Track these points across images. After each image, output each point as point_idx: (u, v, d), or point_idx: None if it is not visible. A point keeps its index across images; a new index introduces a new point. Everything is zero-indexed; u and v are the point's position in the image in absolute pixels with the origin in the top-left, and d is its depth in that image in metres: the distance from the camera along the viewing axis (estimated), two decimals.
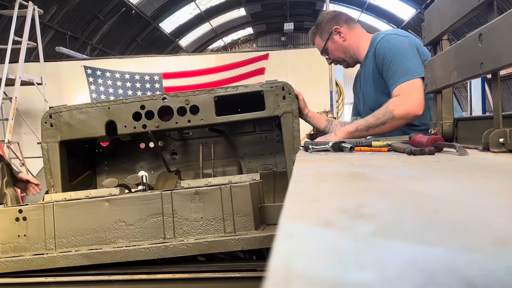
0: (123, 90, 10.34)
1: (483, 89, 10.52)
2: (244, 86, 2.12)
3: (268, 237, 1.52)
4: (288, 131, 2.08)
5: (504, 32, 1.03)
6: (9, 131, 8.21)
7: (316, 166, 0.95)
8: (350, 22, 2.47)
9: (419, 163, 0.92)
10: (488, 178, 0.70)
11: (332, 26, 2.42)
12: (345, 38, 2.42)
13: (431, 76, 1.76)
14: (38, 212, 1.68)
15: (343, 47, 2.42)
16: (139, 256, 1.58)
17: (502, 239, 0.30)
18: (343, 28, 2.42)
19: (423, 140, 1.26)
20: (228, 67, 10.51)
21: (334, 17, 2.46)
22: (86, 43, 15.28)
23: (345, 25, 2.43)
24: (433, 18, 1.72)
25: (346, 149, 1.36)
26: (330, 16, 2.48)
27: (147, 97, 2.13)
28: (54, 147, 2.14)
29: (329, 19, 2.46)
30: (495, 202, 0.46)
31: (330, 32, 2.43)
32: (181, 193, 1.62)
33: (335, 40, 2.43)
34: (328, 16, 2.48)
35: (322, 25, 2.46)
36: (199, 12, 20.14)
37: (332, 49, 2.46)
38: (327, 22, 2.45)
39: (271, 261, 0.27)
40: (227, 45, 26.74)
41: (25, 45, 8.64)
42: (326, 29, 2.45)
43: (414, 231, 0.33)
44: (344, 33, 2.42)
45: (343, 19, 2.46)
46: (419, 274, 0.24)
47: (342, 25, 2.43)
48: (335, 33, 2.42)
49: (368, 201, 0.46)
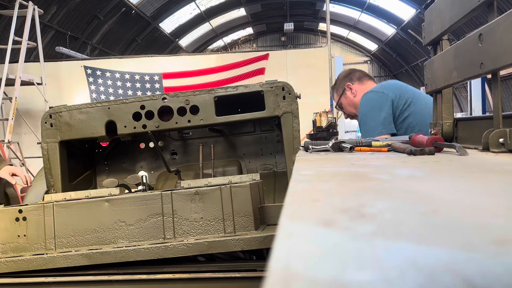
0: (123, 90, 10.34)
1: (483, 89, 10.51)
2: (244, 86, 2.12)
3: (268, 237, 1.52)
4: (288, 131, 2.08)
5: (504, 32, 1.03)
6: (9, 131, 8.21)
7: (316, 166, 0.95)
8: (363, 79, 2.64)
9: (419, 163, 0.92)
10: (488, 178, 0.70)
11: (345, 82, 2.63)
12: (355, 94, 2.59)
13: (431, 76, 1.76)
14: (38, 212, 1.68)
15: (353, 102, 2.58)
16: (139, 256, 1.58)
17: (502, 239, 0.30)
18: (355, 84, 2.60)
19: (423, 140, 1.26)
20: (228, 67, 10.52)
21: (348, 74, 2.64)
22: (86, 43, 15.28)
23: (357, 82, 2.61)
24: (433, 18, 1.72)
25: (346, 149, 1.36)
26: (345, 73, 2.66)
27: (147, 97, 2.13)
28: (54, 147, 2.14)
29: (344, 76, 2.65)
30: (495, 202, 0.46)
31: (343, 89, 2.60)
32: (181, 193, 1.62)
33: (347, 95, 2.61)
34: (344, 73, 2.67)
35: (338, 82, 2.66)
36: (199, 12, 20.14)
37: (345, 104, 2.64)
38: (342, 79, 2.64)
39: (271, 261, 0.27)
40: (227, 45, 26.75)
41: (25, 45, 8.64)
42: (341, 85, 2.63)
43: (414, 231, 0.33)
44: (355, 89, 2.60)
45: (356, 76, 2.63)
46: (419, 274, 0.24)
47: (354, 82, 2.61)
48: (348, 89, 2.60)
49: (368, 201, 0.46)
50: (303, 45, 25.16)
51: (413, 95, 2.41)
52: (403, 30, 19.63)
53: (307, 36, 26.18)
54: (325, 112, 7.38)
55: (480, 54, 1.17)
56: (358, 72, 2.66)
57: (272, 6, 22.03)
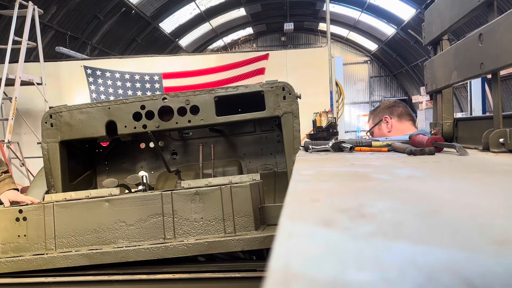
0: (123, 90, 10.34)
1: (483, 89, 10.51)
2: (244, 86, 2.12)
3: (268, 237, 1.52)
4: (289, 131, 2.08)
5: (504, 32, 1.03)
6: (9, 131, 8.20)
7: (316, 166, 0.95)
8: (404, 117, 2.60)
9: (419, 163, 0.92)
10: (488, 178, 0.70)
11: (384, 114, 2.58)
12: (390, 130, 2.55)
13: (431, 76, 1.76)
14: (38, 212, 1.68)
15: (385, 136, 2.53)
16: (139, 256, 1.58)
17: (502, 239, 0.30)
18: (393, 120, 2.56)
19: (423, 140, 1.25)
20: (228, 67, 10.52)
21: (391, 107, 2.60)
22: (86, 43, 15.27)
23: (396, 118, 2.57)
24: (433, 18, 1.72)
25: (346, 149, 1.36)
26: (389, 104, 2.62)
27: (147, 97, 2.13)
28: (54, 147, 2.14)
29: (386, 107, 2.61)
30: (495, 202, 0.46)
31: (380, 119, 2.57)
32: (181, 194, 1.62)
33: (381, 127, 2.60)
34: (388, 104, 2.63)
35: (378, 109, 2.63)
36: (199, 12, 20.13)
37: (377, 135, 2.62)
38: (383, 109, 2.61)
39: (271, 261, 0.27)
40: (227, 45, 26.74)
41: (25, 45, 8.64)
42: (379, 115, 2.60)
43: (414, 231, 0.33)
44: (391, 125, 2.54)
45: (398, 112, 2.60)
46: (419, 274, 0.24)
47: (393, 117, 2.56)
48: (384, 121, 2.56)
49: (368, 201, 0.46)
50: (303, 45, 25.14)
51: None
52: (403, 30, 19.63)
53: (307, 36, 26.17)
54: (325, 112, 7.38)
55: (480, 54, 1.17)
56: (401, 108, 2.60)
57: (272, 6, 22.02)
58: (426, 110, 14.78)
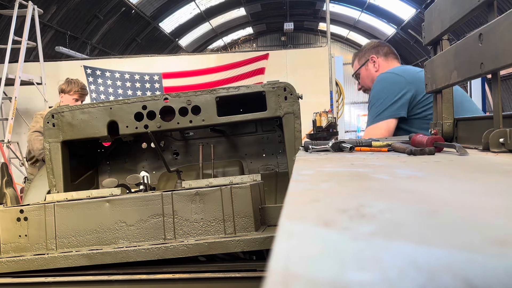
0: (123, 90, 10.34)
1: (483, 89, 10.52)
2: (246, 87, 2.12)
3: (268, 238, 1.52)
4: (290, 131, 2.08)
5: (504, 32, 1.03)
6: (9, 131, 8.21)
7: (316, 166, 0.95)
8: (389, 56, 2.58)
9: (419, 163, 0.92)
10: (488, 178, 0.70)
11: (371, 54, 2.55)
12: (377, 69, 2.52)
13: (431, 76, 1.76)
14: (39, 212, 1.69)
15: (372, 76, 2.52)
16: (140, 256, 1.58)
17: (502, 239, 0.30)
18: (380, 59, 2.53)
19: (423, 140, 1.26)
20: (228, 67, 10.51)
21: (376, 46, 2.58)
22: (85, 43, 15.28)
23: (382, 57, 2.54)
24: (433, 18, 1.72)
25: (346, 149, 1.36)
26: (373, 44, 2.60)
27: (148, 97, 2.13)
28: (56, 147, 2.14)
29: (371, 47, 2.58)
30: (495, 202, 0.46)
31: (367, 59, 2.55)
32: (182, 194, 1.62)
33: (368, 68, 2.55)
34: (372, 44, 2.61)
35: (363, 51, 2.59)
36: (199, 12, 20.13)
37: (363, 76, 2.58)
38: (369, 49, 2.58)
39: (271, 261, 0.27)
40: (227, 45, 26.73)
41: (24, 45, 8.64)
42: (365, 55, 2.57)
43: (414, 231, 0.33)
44: (379, 64, 2.51)
45: (384, 51, 2.56)
46: (419, 274, 0.24)
47: (379, 56, 2.52)
48: (371, 61, 2.53)
49: (368, 201, 0.46)
50: (303, 45, 25.14)
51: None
52: (403, 30, 19.63)
53: (307, 36, 26.18)
54: (325, 112, 7.37)
55: (480, 54, 1.17)
56: (386, 47, 2.58)
57: (272, 5, 22.02)
58: None
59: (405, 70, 2.38)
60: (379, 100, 2.27)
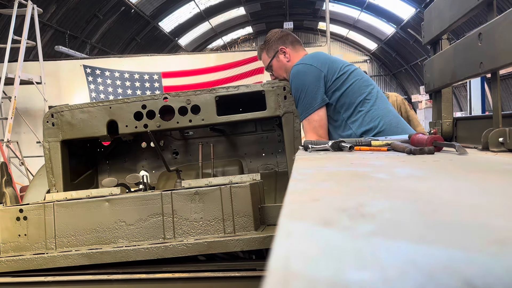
0: (123, 89, 10.33)
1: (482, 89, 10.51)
2: (245, 86, 2.12)
3: (267, 237, 1.52)
4: (289, 131, 2.08)
5: (504, 31, 1.03)
6: (8, 130, 8.19)
7: (316, 166, 0.95)
8: (296, 44, 2.56)
9: (419, 163, 0.92)
10: (488, 177, 0.70)
11: (278, 45, 2.51)
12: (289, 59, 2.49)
13: (430, 75, 1.76)
14: (38, 212, 1.68)
15: (286, 66, 2.49)
16: (139, 256, 1.58)
17: (502, 239, 0.30)
18: (289, 49, 2.51)
19: (423, 139, 1.26)
20: (227, 66, 10.51)
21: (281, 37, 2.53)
22: (85, 42, 15.26)
23: (290, 46, 2.52)
24: (432, 18, 1.72)
25: (346, 148, 1.36)
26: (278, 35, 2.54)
27: (148, 96, 2.13)
28: (55, 146, 2.14)
29: (277, 38, 2.53)
30: (495, 202, 0.46)
31: (276, 51, 2.50)
32: (181, 193, 1.62)
33: (280, 59, 2.51)
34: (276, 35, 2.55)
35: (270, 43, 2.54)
36: (198, 11, 20.11)
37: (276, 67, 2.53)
38: (275, 41, 2.52)
39: (271, 260, 0.27)
40: (226, 44, 26.72)
41: (24, 44, 8.63)
42: (273, 47, 2.52)
43: (414, 231, 0.33)
44: (289, 54, 2.49)
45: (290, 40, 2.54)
46: (419, 274, 0.24)
47: (288, 46, 2.51)
48: (281, 52, 2.50)
49: (368, 201, 0.46)
50: (303, 44, 25.12)
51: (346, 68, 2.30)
52: (403, 29, 19.62)
53: (306, 35, 26.17)
54: None
55: (480, 54, 1.17)
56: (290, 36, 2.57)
57: (271, 5, 22.00)
58: (425, 109, 14.78)
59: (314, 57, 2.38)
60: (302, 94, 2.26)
